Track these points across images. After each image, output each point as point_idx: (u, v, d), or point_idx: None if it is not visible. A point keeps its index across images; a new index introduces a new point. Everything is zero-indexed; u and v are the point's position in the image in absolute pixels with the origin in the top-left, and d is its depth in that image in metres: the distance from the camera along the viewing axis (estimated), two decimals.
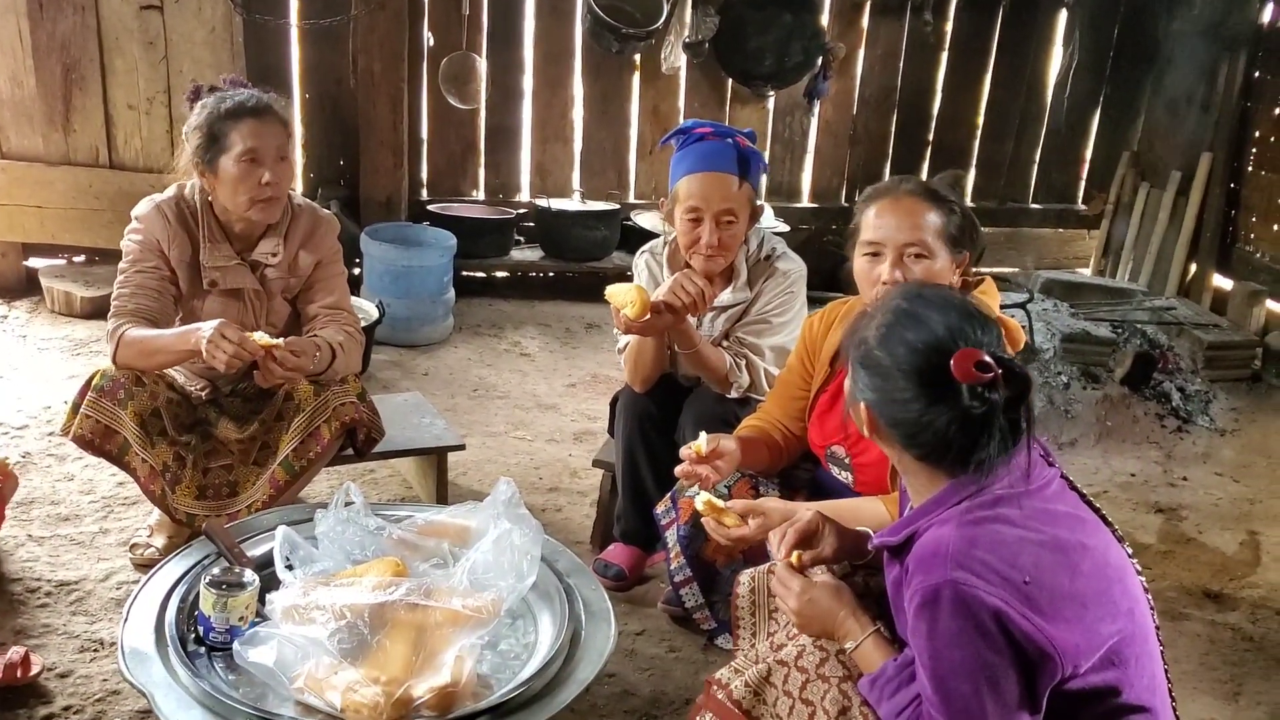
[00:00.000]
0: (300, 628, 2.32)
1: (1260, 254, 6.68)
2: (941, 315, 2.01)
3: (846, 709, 2.14)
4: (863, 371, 2.05)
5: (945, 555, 1.90)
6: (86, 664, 3.00)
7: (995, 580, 1.85)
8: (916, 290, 2.11)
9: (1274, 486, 4.97)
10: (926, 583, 1.90)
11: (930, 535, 1.97)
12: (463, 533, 2.71)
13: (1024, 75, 7.47)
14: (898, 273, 2.70)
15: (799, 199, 7.42)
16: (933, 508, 2.02)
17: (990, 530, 1.93)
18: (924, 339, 1.99)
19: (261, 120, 3.31)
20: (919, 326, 2.00)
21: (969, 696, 1.87)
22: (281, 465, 3.31)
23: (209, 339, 3.05)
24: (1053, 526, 1.97)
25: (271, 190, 3.31)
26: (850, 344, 2.10)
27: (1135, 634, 2.00)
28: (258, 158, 3.28)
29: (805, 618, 2.25)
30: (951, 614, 1.86)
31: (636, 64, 6.80)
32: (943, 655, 1.89)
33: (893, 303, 2.08)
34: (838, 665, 2.19)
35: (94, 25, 5.68)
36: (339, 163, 6.55)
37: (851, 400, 2.11)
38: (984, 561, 1.87)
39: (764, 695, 2.25)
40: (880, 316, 2.06)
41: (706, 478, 2.85)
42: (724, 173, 3.31)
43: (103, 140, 5.83)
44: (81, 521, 3.71)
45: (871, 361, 2.03)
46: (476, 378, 5.47)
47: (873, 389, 2.03)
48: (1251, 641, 3.67)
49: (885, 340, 2.02)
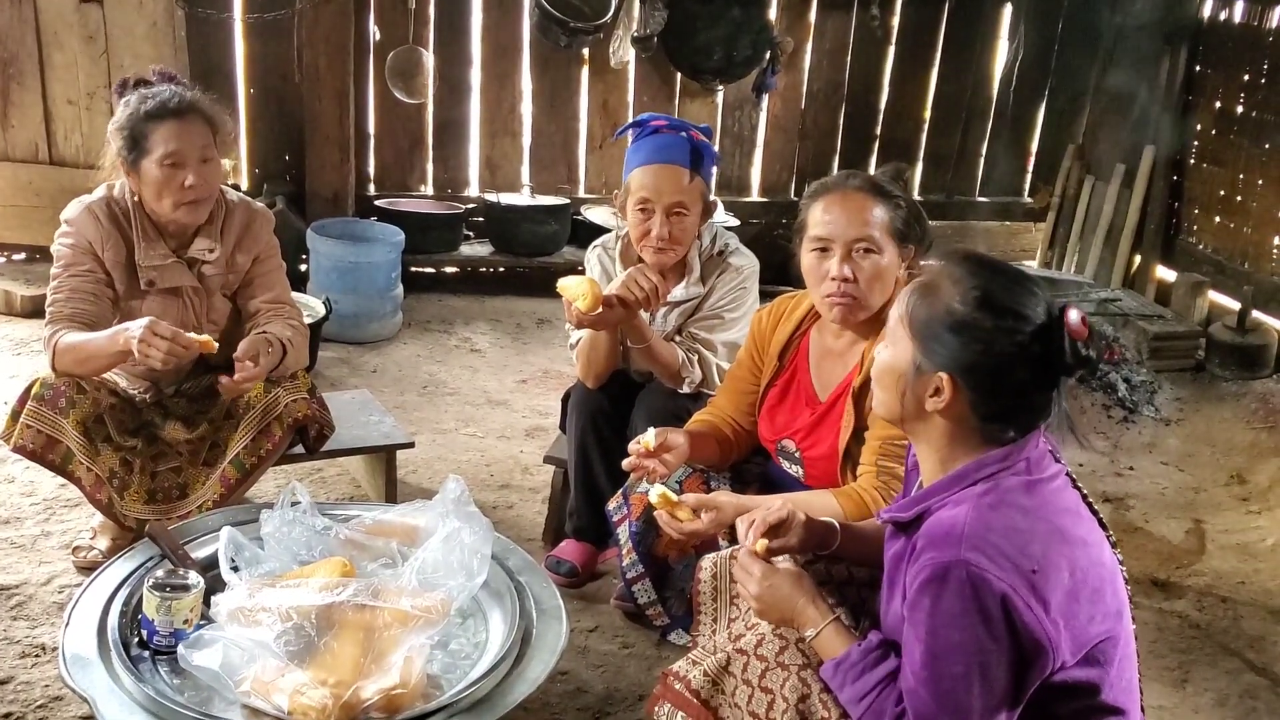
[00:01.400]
0: (246, 630, 2.29)
1: (1203, 245, 6.76)
2: (1017, 276, 2.04)
3: (806, 696, 2.14)
4: (952, 337, 1.99)
5: (959, 535, 1.90)
6: (28, 670, 2.95)
7: (1006, 566, 1.86)
8: (981, 254, 2.12)
9: (1218, 475, 5.03)
10: (938, 559, 1.90)
11: (945, 513, 1.98)
12: (411, 532, 2.69)
13: (970, 69, 7.52)
14: (846, 268, 2.71)
15: (749, 193, 7.43)
16: (949, 485, 2.03)
17: (1005, 515, 1.93)
18: (1018, 296, 1.99)
19: (183, 121, 3.24)
20: (1008, 283, 2.00)
21: (958, 678, 1.88)
22: (233, 463, 3.28)
23: (139, 339, 2.98)
24: (1058, 517, 1.98)
25: (195, 193, 3.24)
26: (925, 312, 2.03)
27: (1120, 636, 2.01)
28: (179, 161, 3.22)
29: (765, 603, 2.24)
30: (957, 594, 1.87)
31: (585, 58, 6.78)
32: (940, 633, 1.89)
33: (966, 268, 2.04)
34: (797, 653, 2.19)
35: (32, 19, 5.60)
36: (284, 158, 6.48)
37: (916, 375, 2.04)
38: (997, 546, 1.88)
39: (722, 685, 2.25)
40: (960, 282, 2.02)
41: (654, 471, 2.85)
42: (676, 165, 3.31)
43: (42, 136, 5.75)
44: (22, 524, 3.65)
45: (968, 323, 1.98)
46: (426, 374, 5.43)
47: (966, 352, 1.98)
48: (1198, 629, 3.71)
49: (979, 302, 1.98)
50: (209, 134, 3.29)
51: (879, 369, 2.13)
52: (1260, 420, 5.46)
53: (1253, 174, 6.42)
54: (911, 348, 2.04)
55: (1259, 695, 3.38)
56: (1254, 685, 3.43)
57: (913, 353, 2.04)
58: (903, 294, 2.11)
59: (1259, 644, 3.66)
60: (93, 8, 5.61)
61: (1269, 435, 5.30)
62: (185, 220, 3.30)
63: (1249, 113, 6.47)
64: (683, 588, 3.10)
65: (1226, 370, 5.95)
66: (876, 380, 2.14)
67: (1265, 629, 3.75)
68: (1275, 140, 6.24)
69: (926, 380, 2.02)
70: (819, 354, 2.98)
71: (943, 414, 2.03)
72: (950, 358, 2.00)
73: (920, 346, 2.03)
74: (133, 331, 3.01)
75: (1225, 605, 3.87)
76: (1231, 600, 3.91)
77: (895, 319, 2.09)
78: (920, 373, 2.03)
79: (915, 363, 2.03)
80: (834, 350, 2.94)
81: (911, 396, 2.05)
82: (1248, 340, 5.96)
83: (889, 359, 2.10)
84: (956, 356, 1.99)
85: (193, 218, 3.29)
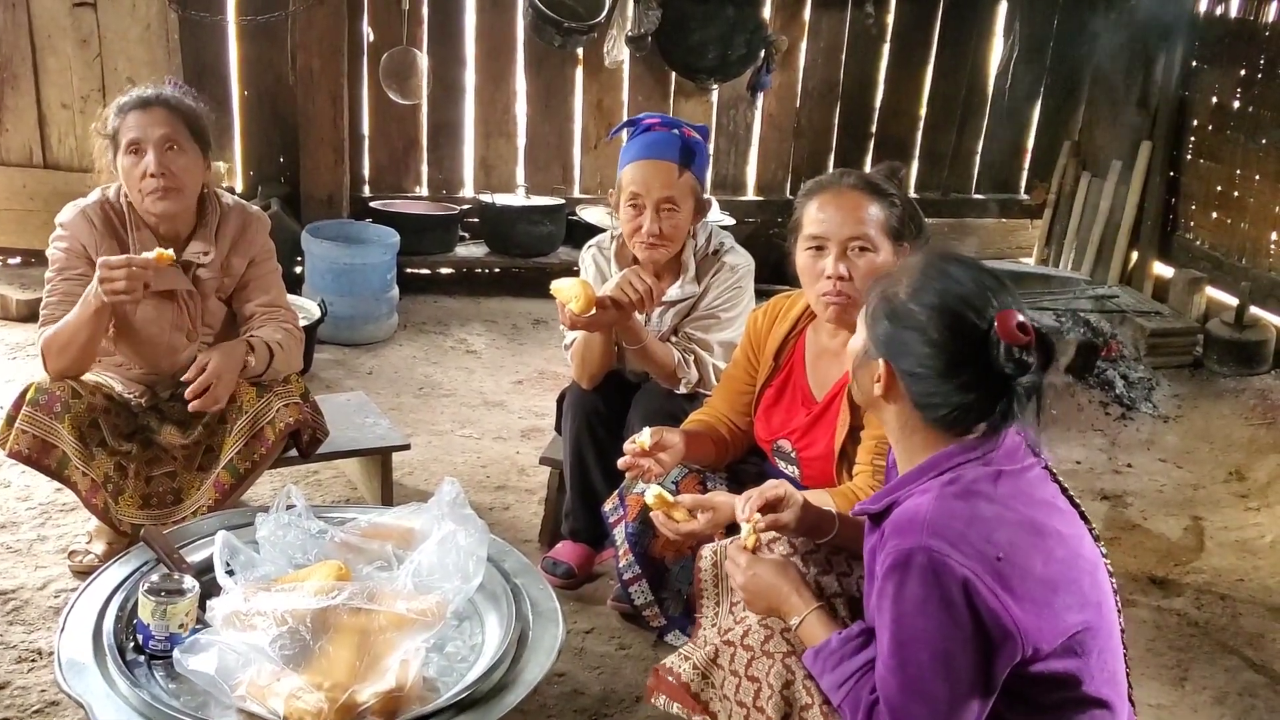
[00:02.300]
0: (242, 634, 2.28)
1: (1200, 241, 6.75)
2: (973, 274, 2.04)
3: (790, 682, 2.16)
4: (888, 324, 2.05)
5: (921, 522, 1.92)
6: (24, 675, 2.94)
7: (968, 552, 1.87)
8: (947, 251, 2.16)
9: (1216, 472, 5.03)
10: (900, 546, 1.92)
11: (909, 503, 2.00)
12: (407, 535, 2.68)
13: (965, 66, 7.52)
14: (842, 267, 2.70)
15: (744, 192, 7.42)
16: (916, 476, 2.05)
17: (969, 504, 1.95)
18: (959, 294, 2.00)
19: (145, 111, 3.24)
20: (952, 282, 2.02)
21: (924, 665, 1.89)
22: (226, 469, 3.26)
23: (99, 280, 3.01)
24: (1030, 509, 1.99)
25: (157, 181, 3.22)
26: (876, 299, 2.09)
27: (1101, 628, 2.01)
28: (139, 148, 3.23)
29: (751, 592, 2.29)
30: (919, 579, 1.88)
31: (579, 58, 6.77)
32: (904, 620, 1.91)
33: (924, 260, 2.09)
34: (782, 641, 2.22)
35: (25, 23, 5.59)
36: (279, 160, 6.48)
37: (865, 358, 2.11)
38: (960, 533, 1.89)
39: (711, 678, 2.27)
40: (911, 273, 2.07)
41: (649, 470, 2.85)
42: (665, 161, 3.31)
43: (36, 140, 5.75)
44: (19, 529, 3.64)
45: (902, 314, 2.03)
46: (422, 376, 5.42)
47: (899, 341, 2.03)
48: (1197, 626, 3.70)
49: (918, 294, 2.03)
50: (176, 124, 3.26)
51: (848, 352, 2.19)
52: (1259, 416, 5.46)
53: (1250, 169, 6.41)
54: (863, 333, 2.11)
55: (1258, 693, 3.38)
56: (1253, 683, 3.42)
57: (864, 338, 2.10)
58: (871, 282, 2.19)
59: (1258, 641, 3.66)
60: (86, 11, 5.61)
61: (1267, 431, 5.30)
62: (156, 212, 3.27)
63: (1245, 108, 6.46)
64: (679, 589, 3.09)
65: (1224, 366, 5.95)
66: (850, 367, 2.19)
67: (1264, 626, 3.74)
68: (1272, 135, 6.23)
69: (871, 366, 2.08)
70: (815, 354, 2.98)
71: (889, 401, 2.08)
72: (885, 344, 2.05)
73: (867, 331, 2.09)
74: (94, 284, 3.05)
75: (1224, 603, 3.87)
76: (1230, 598, 3.91)
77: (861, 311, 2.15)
78: (867, 357, 2.10)
79: (865, 348, 2.10)
80: (830, 350, 2.94)
81: (863, 381, 2.12)
82: (1245, 336, 5.96)
83: (852, 342, 2.18)
84: (889, 344, 2.05)
85: (160, 208, 3.26)
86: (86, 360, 3.25)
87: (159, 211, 3.27)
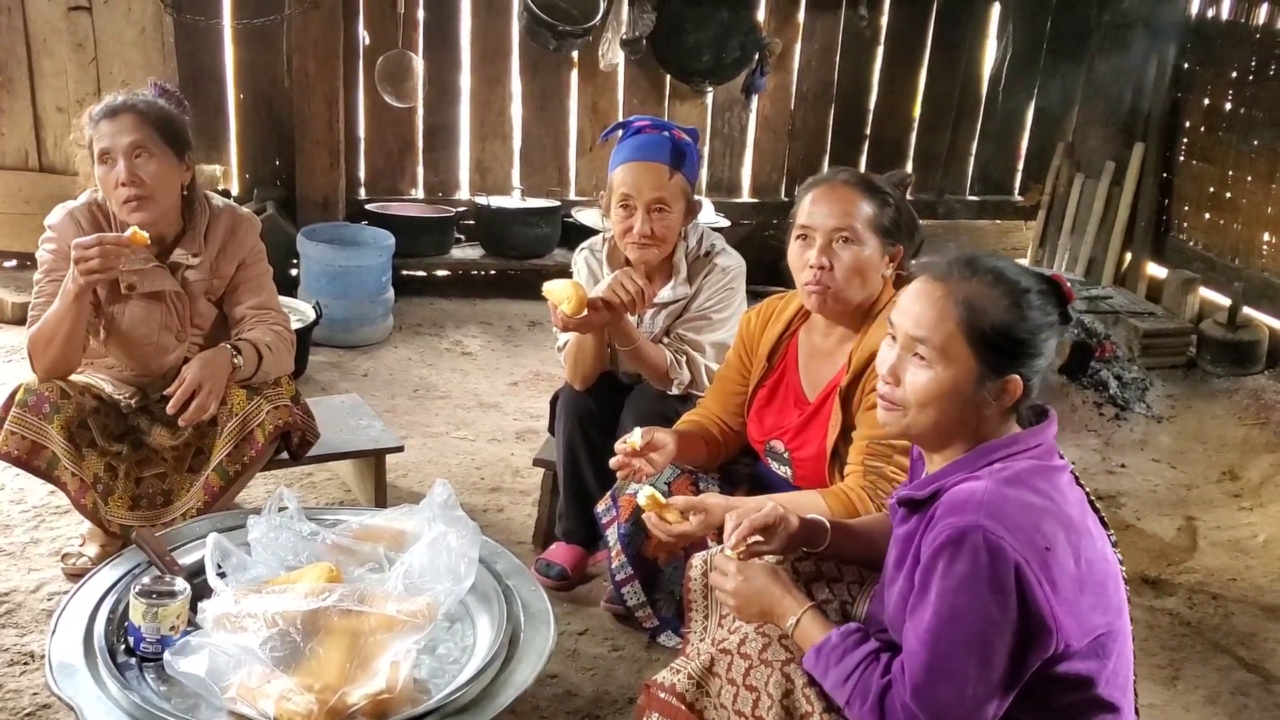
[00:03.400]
0: (232, 636, 2.29)
1: (1193, 242, 6.76)
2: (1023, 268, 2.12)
3: (790, 691, 2.14)
4: (1015, 340, 2.03)
5: (979, 502, 1.93)
6: (16, 677, 2.95)
7: (1021, 539, 1.88)
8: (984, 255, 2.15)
9: (1210, 472, 5.04)
10: (956, 524, 1.92)
11: (964, 485, 2.00)
12: (398, 536, 2.68)
13: (959, 68, 7.52)
14: (824, 257, 2.73)
15: (739, 194, 7.43)
16: (966, 464, 2.05)
17: (1020, 492, 1.96)
18: (1039, 279, 2.09)
19: (113, 119, 3.24)
20: (1029, 276, 2.09)
21: (958, 644, 1.89)
22: (216, 471, 3.26)
23: (73, 262, 3.03)
24: (1068, 506, 2.01)
25: (129, 190, 3.21)
26: (988, 326, 2.02)
27: (1120, 632, 2.04)
28: (109, 158, 3.23)
29: (742, 599, 2.27)
30: (970, 557, 1.88)
31: (574, 61, 6.78)
32: (948, 597, 1.90)
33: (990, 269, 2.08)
34: (780, 649, 2.20)
35: (20, 27, 5.60)
36: (275, 163, 6.48)
37: (978, 386, 2.04)
38: (1013, 518, 1.91)
39: (707, 686, 2.25)
40: (999, 285, 2.05)
41: (640, 470, 2.85)
42: (656, 162, 3.32)
43: (32, 143, 5.76)
44: (12, 531, 3.65)
45: (1026, 323, 2.03)
46: (417, 378, 5.43)
47: (1032, 346, 2.04)
48: (1189, 626, 3.71)
49: (1025, 299, 2.04)
50: (145, 130, 3.24)
51: (927, 393, 2.06)
52: (1252, 417, 5.47)
53: (1242, 170, 6.42)
54: (973, 360, 2.02)
55: (1250, 692, 3.38)
56: (1245, 682, 3.43)
57: (975, 365, 2.02)
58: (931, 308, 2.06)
59: (1250, 641, 3.66)
60: (81, 15, 5.61)
61: (1260, 431, 5.30)
62: (130, 222, 3.23)
63: (1238, 109, 6.47)
64: (672, 590, 3.10)
65: (1218, 367, 5.96)
66: (922, 404, 2.07)
67: (1256, 626, 3.75)
68: (1264, 137, 6.24)
69: (991, 386, 2.04)
70: (807, 354, 2.99)
71: (991, 412, 2.07)
72: (1014, 357, 2.03)
73: (982, 356, 2.02)
74: (69, 274, 3.09)
75: (1216, 602, 3.87)
76: (1223, 597, 3.91)
77: (940, 339, 2.03)
78: (985, 382, 2.03)
79: (977, 373, 2.03)
80: (822, 350, 2.94)
81: (973, 408, 2.06)
82: (1239, 337, 5.98)
83: (947, 380, 2.04)
84: (1018, 353, 2.03)
85: (136, 219, 3.23)
86: (71, 356, 3.25)
87: (135, 221, 3.24)
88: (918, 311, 2.07)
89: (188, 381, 3.18)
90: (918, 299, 2.08)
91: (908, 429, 2.11)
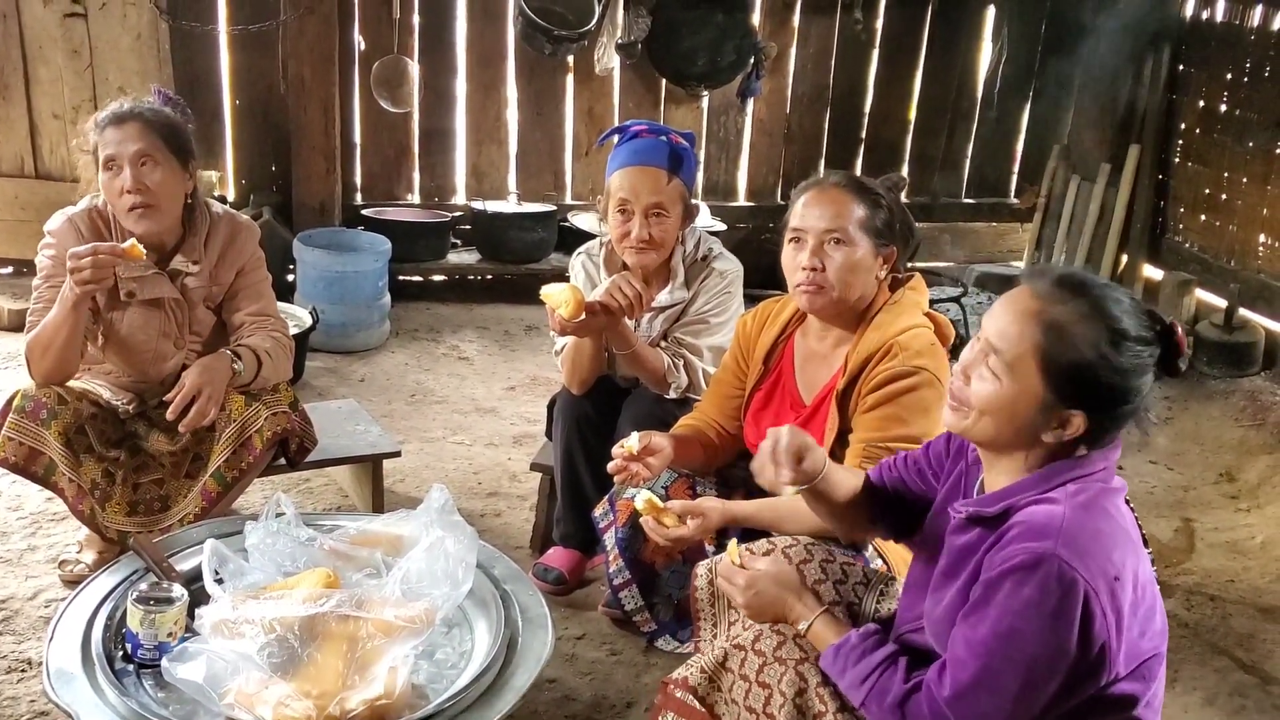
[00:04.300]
0: (230, 642, 2.29)
1: (1189, 244, 6.76)
2: (1129, 297, 2.02)
3: (803, 690, 2.14)
4: (1092, 378, 1.95)
5: (1057, 529, 1.89)
6: (14, 685, 2.95)
7: (1094, 569, 1.86)
8: (1089, 278, 2.05)
9: (1206, 474, 5.04)
10: (1033, 549, 1.88)
11: (1041, 508, 1.95)
12: (395, 542, 2.69)
13: (954, 71, 7.52)
14: (816, 259, 2.75)
15: (735, 198, 7.42)
16: (1038, 483, 2.00)
17: (1094, 518, 1.93)
18: (1142, 316, 1.99)
19: (119, 127, 3.24)
20: (1134, 310, 1.99)
21: (1010, 663, 1.87)
22: (213, 477, 3.27)
23: (70, 271, 3.04)
24: (1131, 529, 2.00)
25: (134, 198, 3.22)
26: (1066, 357, 1.95)
27: (1164, 657, 2.03)
28: (115, 165, 3.23)
29: (754, 608, 2.27)
30: (1040, 585, 1.85)
31: (570, 65, 6.78)
32: (1009, 618, 1.87)
33: (1090, 298, 1.98)
34: (795, 647, 2.20)
35: (16, 33, 5.59)
36: (271, 169, 6.48)
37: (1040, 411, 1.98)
38: (1087, 548, 1.88)
39: (720, 682, 2.26)
40: (1093, 319, 1.96)
41: (638, 475, 2.86)
42: (654, 167, 3.32)
43: (28, 150, 5.76)
44: (9, 538, 3.64)
45: (1109, 365, 1.94)
46: (414, 383, 5.43)
47: (1107, 388, 1.96)
48: (1187, 628, 3.71)
49: (1120, 340, 1.95)
50: (151, 138, 3.25)
51: (986, 403, 2.01)
52: (1248, 418, 5.47)
53: (1237, 172, 6.42)
54: (1041, 387, 1.96)
55: (1248, 693, 3.39)
56: (1243, 683, 3.43)
57: (1042, 392, 1.96)
58: (1015, 319, 2.00)
59: (1248, 642, 3.67)
60: (77, 22, 5.61)
61: (1257, 433, 5.31)
62: (135, 230, 3.24)
63: (1233, 111, 6.47)
64: (670, 593, 3.10)
65: (1214, 368, 5.95)
66: (981, 412, 2.02)
67: (1254, 627, 3.75)
68: (1259, 138, 6.24)
69: (1053, 416, 1.98)
70: (803, 357, 2.99)
71: (1051, 439, 2.00)
72: (1087, 397, 1.96)
73: (1053, 386, 1.96)
74: (66, 283, 3.09)
75: (1214, 604, 3.88)
76: (1220, 599, 3.91)
77: (1012, 353, 1.98)
78: (1049, 409, 1.97)
79: (1042, 400, 1.97)
80: (818, 353, 2.95)
81: (1029, 429, 2.00)
82: (1235, 338, 5.97)
83: (1008, 393, 1.98)
84: (1094, 395, 1.96)
85: (142, 227, 3.25)
86: (68, 362, 3.25)
87: (140, 232, 3.25)
88: (1003, 320, 2.01)
89: (187, 387, 3.18)
90: (1009, 307, 2.02)
91: (967, 430, 2.07)
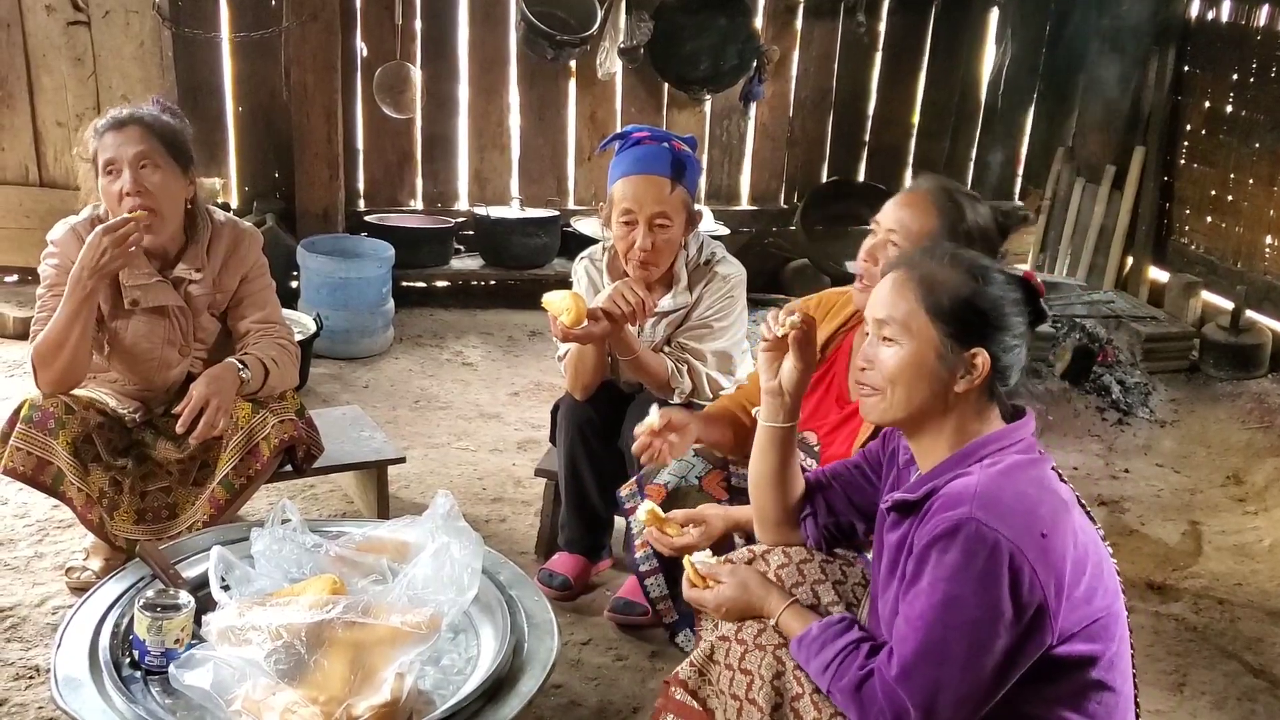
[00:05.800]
0: (237, 649, 2.29)
1: (1195, 246, 6.76)
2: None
3: (780, 673, 2.18)
4: (978, 313, 2.08)
5: (970, 495, 1.95)
6: (22, 692, 2.94)
7: (1016, 526, 1.90)
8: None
9: (1214, 476, 5.03)
10: (948, 518, 1.94)
11: (956, 483, 2.02)
12: (401, 548, 2.68)
13: (958, 74, 7.52)
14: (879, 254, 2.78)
15: (738, 202, 7.42)
16: (957, 462, 2.07)
17: (1014, 482, 1.99)
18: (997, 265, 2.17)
19: (119, 131, 3.25)
20: (989, 257, 2.21)
21: (950, 629, 1.91)
22: (221, 484, 3.26)
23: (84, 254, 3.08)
24: (1062, 492, 2.05)
25: (134, 200, 3.21)
26: (946, 300, 2.08)
27: (1120, 616, 2.07)
28: (114, 169, 3.23)
29: (723, 612, 2.35)
30: (964, 549, 1.90)
31: (572, 70, 6.78)
32: (940, 586, 1.92)
33: (939, 245, 2.25)
34: (773, 634, 2.25)
35: (20, 41, 5.60)
36: (274, 175, 6.48)
37: (941, 361, 2.08)
38: (1008, 507, 1.93)
39: (709, 674, 2.28)
40: (958, 259, 2.13)
41: (662, 451, 2.85)
42: (657, 175, 3.30)
43: (32, 158, 5.76)
44: (16, 546, 3.64)
45: (987, 297, 2.09)
46: (418, 389, 5.42)
47: (994, 321, 2.09)
48: (1195, 631, 3.70)
49: (979, 268, 2.12)
50: (151, 142, 3.25)
51: (896, 369, 2.10)
52: (1256, 420, 5.46)
53: (1243, 173, 6.42)
54: (936, 333, 2.07)
55: (1257, 697, 3.37)
56: (1252, 687, 3.42)
57: (938, 338, 2.07)
58: (892, 290, 2.13)
59: (1257, 646, 3.65)
60: (80, 30, 5.62)
61: (1264, 435, 5.30)
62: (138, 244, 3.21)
63: (1238, 112, 6.47)
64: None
65: (1221, 371, 5.95)
66: (893, 382, 2.11)
67: (1263, 630, 3.74)
68: (1265, 139, 6.25)
69: (958, 362, 2.07)
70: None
71: (965, 393, 2.08)
72: (978, 328, 2.07)
73: (947, 328, 2.07)
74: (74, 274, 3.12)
75: (1222, 607, 3.87)
76: (1229, 602, 3.90)
77: (901, 315, 2.10)
78: (952, 355, 2.07)
79: (940, 347, 2.07)
80: None
81: (939, 384, 2.09)
82: (1241, 340, 5.97)
83: (907, 356, 2.09)
84: (984, 324, 2.07)
85: (146, 243, 3.25)
86: (78, 365, 3.24)
87: (143, 246, 3.25)
88: (883, 297, 2.14)
89: (196, 398, 3.18)
90: (881, 287, 2.17)
91: (885, 414, 2.15)
